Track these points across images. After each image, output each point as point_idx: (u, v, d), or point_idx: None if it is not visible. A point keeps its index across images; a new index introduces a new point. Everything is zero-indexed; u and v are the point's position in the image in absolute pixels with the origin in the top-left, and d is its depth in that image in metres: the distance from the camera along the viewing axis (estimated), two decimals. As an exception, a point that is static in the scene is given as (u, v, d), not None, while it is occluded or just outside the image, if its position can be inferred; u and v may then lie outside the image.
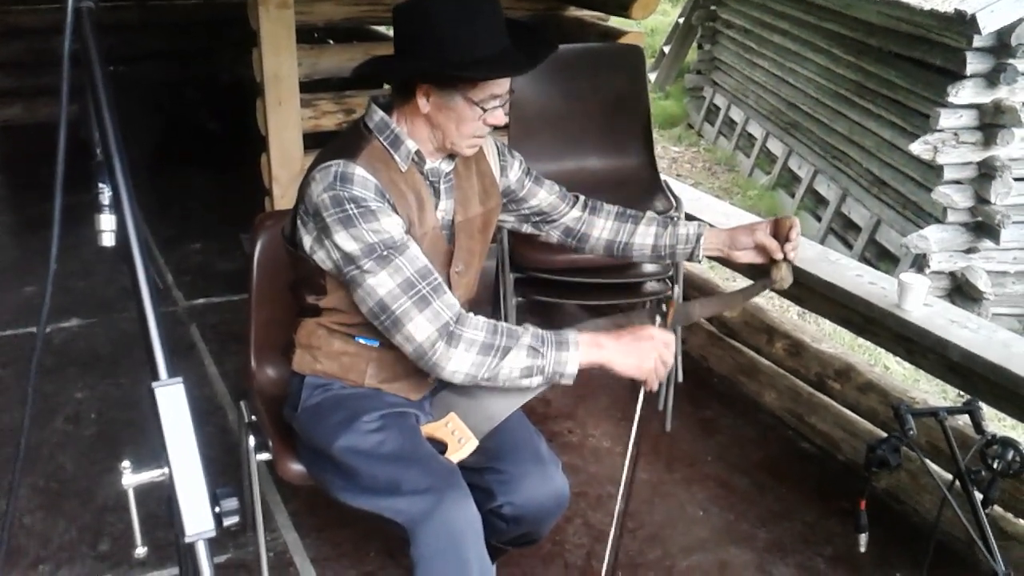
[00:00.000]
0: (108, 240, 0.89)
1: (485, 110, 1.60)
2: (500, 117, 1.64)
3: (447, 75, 1.57)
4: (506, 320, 2.24)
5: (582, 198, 1.96)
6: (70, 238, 1.07)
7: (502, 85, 1.61)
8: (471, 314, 1.60)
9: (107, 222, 0.88)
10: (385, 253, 1.55)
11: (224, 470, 2.55)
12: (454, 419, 1.74)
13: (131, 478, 0.78)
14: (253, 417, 2.02)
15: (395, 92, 1.68)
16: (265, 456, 1.91)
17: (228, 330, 3.44)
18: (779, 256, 1.80)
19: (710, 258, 1.92)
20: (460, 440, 1.72)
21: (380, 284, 1.55)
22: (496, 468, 1.71)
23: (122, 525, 2.38)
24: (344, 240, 1.55)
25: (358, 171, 1.57)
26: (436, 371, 1.58)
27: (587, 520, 2.49)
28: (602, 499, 2.58)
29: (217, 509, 0.74)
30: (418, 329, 1.55)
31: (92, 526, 2.39)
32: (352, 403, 1.75)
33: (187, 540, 0.71)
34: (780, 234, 1.80)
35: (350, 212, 1.55)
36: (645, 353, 1.60)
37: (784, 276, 1.82)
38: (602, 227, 1.93)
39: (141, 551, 0.83)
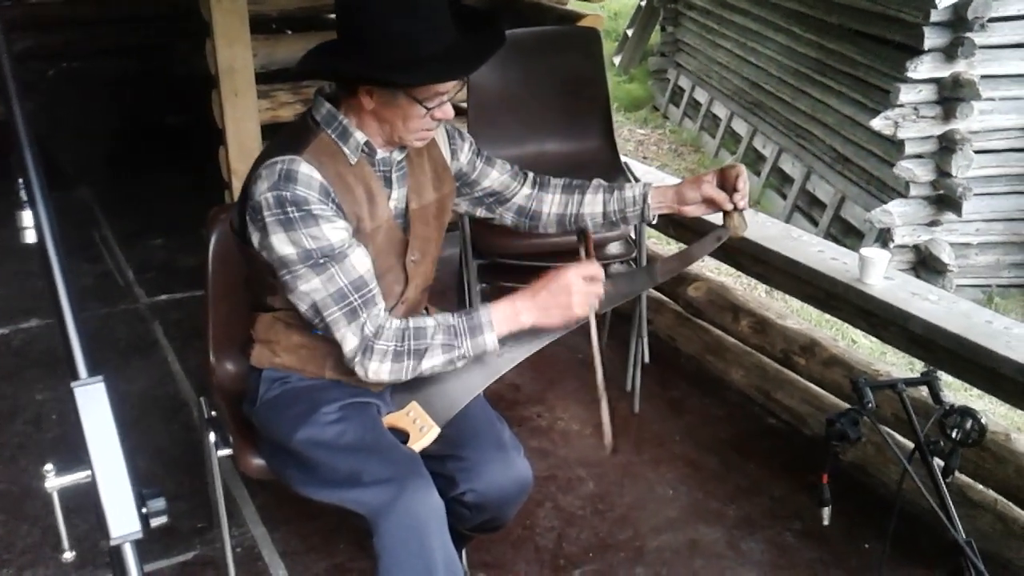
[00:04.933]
0: (31, 237, 0.86)
1: (429, 108, 1.57)
2: (448, 111, 1.60)
3: (384, 80, 1.53)
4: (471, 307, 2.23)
5: (531, 175, 1.93)
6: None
7: (447, 84, 1.57)
8: (391, 322, 1.60)
9: (28, 218, 0.85)
10: (322, 261, 1.54)
11: (189, 468, 2.53)
12: (415, 407, 1.73)
13: (55, 481, 0.76)
14: (213, 413, 1.99)
15: (339, 88, 1.65)
16: (226, 452, 1.89)
17: (191, 326, 3.39)
18: (728, 207, 1.78)
19: (662, 215, 1.88)
20: (422, 429, 1.71)
21: (313, 290, 1.56)
22: (458, 455, 1.70)
23: (86, 526, 2.33)
24: (281, 243, 1.54)
25: (303, 168, 1.54)
26: (362, 377, 1.62)
27: (557, 503, 2.49)
28: (572, 482, 2.58)
29: (144, 510, 0.72)
30: (345, 340, 1.59)
31: (55, 528, 2.35)
32: (311, 395, 1.73)
33: (112, 543, 0.69)
34: (727, 184, 1.78)
35: (291, 215, 1.52)
36: (566, 302, 1.61)
37: (738, 224, 1.80)
38: (551, 201, 1.90)
39: (69, 555, 0.81)
